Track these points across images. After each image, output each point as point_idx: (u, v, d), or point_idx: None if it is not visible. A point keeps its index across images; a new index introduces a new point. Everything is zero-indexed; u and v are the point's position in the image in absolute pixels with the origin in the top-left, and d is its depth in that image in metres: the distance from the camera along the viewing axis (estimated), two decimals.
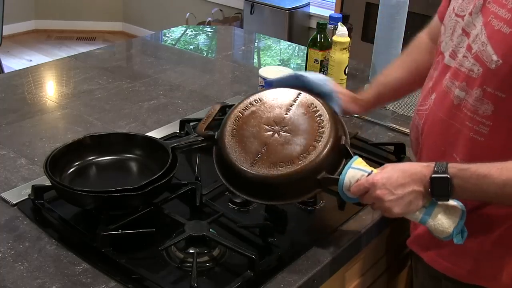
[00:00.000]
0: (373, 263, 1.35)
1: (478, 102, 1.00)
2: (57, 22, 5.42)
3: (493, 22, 0.97)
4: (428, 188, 0.96)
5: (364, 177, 1.00)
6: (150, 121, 1.59)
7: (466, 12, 1.05)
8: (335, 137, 1.08)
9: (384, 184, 0.97)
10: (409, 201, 0.97)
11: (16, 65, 4.23)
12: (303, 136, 1.09)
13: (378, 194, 0.97)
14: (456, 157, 1.05)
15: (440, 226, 0.98)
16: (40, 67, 1.99)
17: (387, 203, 0.97)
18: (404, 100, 1.78)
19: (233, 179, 1.11)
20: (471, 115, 1.02)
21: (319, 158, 1.05)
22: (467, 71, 1.02)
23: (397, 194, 0.97)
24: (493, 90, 0.98)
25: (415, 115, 1.17)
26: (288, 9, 4.01)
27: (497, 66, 0.96)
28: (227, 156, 1.10)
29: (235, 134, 1.12)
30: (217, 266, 1.05)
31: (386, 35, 1.80)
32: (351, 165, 1.03)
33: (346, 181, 1.02)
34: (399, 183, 0.97)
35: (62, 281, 1.00)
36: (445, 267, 1.12)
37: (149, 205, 1.14)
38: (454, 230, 0.98)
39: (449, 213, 0.98)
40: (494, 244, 1.06)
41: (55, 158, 1.17)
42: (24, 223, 1.14)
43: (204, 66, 2.08)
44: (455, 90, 1.04)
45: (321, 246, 1.12)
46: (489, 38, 0.98)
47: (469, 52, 1.02)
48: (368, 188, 0.99)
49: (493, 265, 1.08)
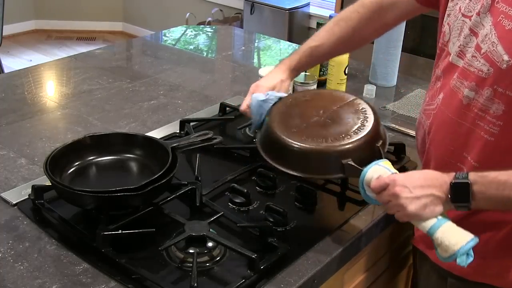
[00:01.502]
0: (373, 263, 1.35)
1: (488, 102, 1.00)
2: (57, 22, 5.43)
3: (504, 22, 0.97)
4: (448, 194, 0.96)
5: (387, 174, 1.02)
6: (150, 121, 1.59)
7: (474, 12, 1.04)
8: (373, 137, 1.12)
9: (404, 182, 0.98)
10: (425, 203, 0.96)
11: (16, 65, 4.23)
12: (344, 127, 1.14)
13: (396, 190, 0.98)
14: (467, 156, 1.05)
15: (447, 241, 0.95)
16: (40, 67, 1.99)
17: (403, 200, 0.97)
18: (404, 100, 1.78)
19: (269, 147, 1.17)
20: (482, 114, 1.01)
21: (350, 145, 1.09)
22: (476, 71, 1.02)
23: (415, 193, 0.97)
24: (504, 90, 0.98)
25: (422, 115, 1.18)
26: (288, 9, 4.01)
27: (508, 66, 0.96)
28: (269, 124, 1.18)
29: (283, 111, 1.20)
30: (217, 266, 1.05)
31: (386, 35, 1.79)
32: (378, 163, 1.05)
33: (369, 175, 1.03)
34: (419, 184, 0.97)
35: (62, 281, 1.00)
36: (451, 265, 1.12)
37: (149, 205, 1.14)
38: (461, 249, 0.94)
39: (459, 232, 0.96)
40: (500, 243, 1.07)
41: (55, 158, 1.17)
42: (24, 223, 1.14)
43: (204, 66, 2.08)
44: (464, 90, 1.04)
45: (321, 246, 1.12)
46: (500, 38, 0.97)
47: (479, 52, 1.02)
48: (388, 184, 0.99)
49: (499, 263, 1.08)
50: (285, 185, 1.29)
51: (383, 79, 1.88)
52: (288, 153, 1.12)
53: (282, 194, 1.27)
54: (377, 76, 1.87)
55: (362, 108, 1.19)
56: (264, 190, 1.28)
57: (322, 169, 1.12)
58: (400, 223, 1.25)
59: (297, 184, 1.26)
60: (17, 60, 4.69)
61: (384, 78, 1.87)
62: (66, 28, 5.42)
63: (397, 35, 1.80)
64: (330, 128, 1.14)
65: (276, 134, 1.14)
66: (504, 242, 1.06)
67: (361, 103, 1.21)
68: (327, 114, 1.18)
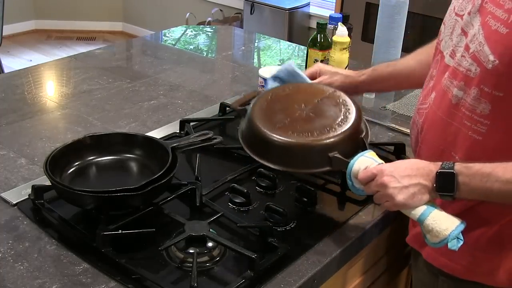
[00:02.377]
0: (373, 263, 1.35)
1: (475, 101, 1.01)
2: (57, 22, 5.43)
3: (490, 22, 0.98)
4: (434, 183, 0.98)
5: (374, 165, 1.03)
6: (150, 121, 1.59)
7: (465, 12, 1.05)
8: (356, 128, 1.14)
9: (391, 172, 1.00)
10: (413, 192, 0.99)
11: (16, 65, 4.23)
12: (327, 120, 1.15)
13: (384, 180, 0.99)
14: (455, 155, 1.06)
15: (437, 227, 0.98)
16: (40, 67, 1.99)
17: (391, 190, 0.99)
18: (404, 100, 1.78)
19: (255, 144, 1.17)
20: (469, 114, 1.02)
21: (335, 137, 1.11)
22: (465, 70, 1.03)
23: (402, 183, 0.99)
24: (490, 90, 0.99)
25: (416, 114, 1.18)
26: (288, 9, 4.01)
27: (493, 66, 0.97)
28: (252, 121, 1.18)
29: (264, 107, 1.20)
30: (217, 266, 1.05)
31: (386, 35, 1.80)
32: (364, 154, 1.06)
33: (356, 167, 1.05)
34: (406, 174, 0.99)
35: (62, 281, 1.00)
36: (442, 263, 1.13)
37: (149, 205, 1.14)
38: (451, 234, 0.97)
39: (448, 218, 0.99)
40: (490, 241, 1.07)
41: (55, 158, 1.17)
42: (24, 223, 1.14)
43: (204, 66, 2.08)
44: (454, 89, 1.05)
45: (321, 246, 1.12)
46: (486, 38, 0.98)
47: (467, 52, 1.03)
48: (376, 174, 1.01)
49: (489, 261, 1.08)
50: (285, 185, 1.29)
51: None
52: (275, 149, 1.13)
53: (282, 194, 1.27)
54: None
55: (343, 100, 1.20)
56: (264, 190, 1.28)
57: (310, 164, 1.13)
58: (400, 223, 1.26)
59: (297, 184, 1.27)
60: (17, 60, 4.69)
61: None
62: (66, 28, 5.42)
63: (397, 35, 1.80)
64: (314, 122, 1.15)
65: (261, 130, 1.14)
66: (494, 240, 1.07)
67: (341, 95, 1.22)
68: (309, 107, 1.19)
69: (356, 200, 1.26)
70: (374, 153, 1.08)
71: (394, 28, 1.79)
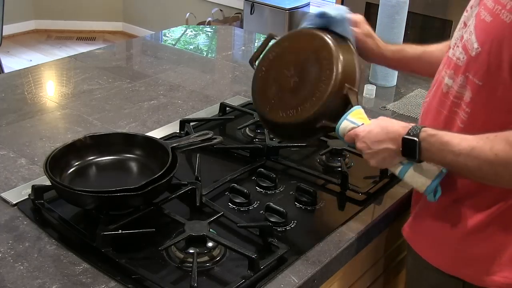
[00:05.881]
0: (373, 263, 1.35)
1: (462, 88, 1.03)
2: (57, 22, 5.43)
3: (482, 12, 1.01)
4: (400, 147, 1.01)
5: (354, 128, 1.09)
6: (150, 121, 1.59)
7: (469, 6, 1.09)
8: (336, 86, 1.12)
9: (363, 137, 1.06)
10: (383, 157, 1.05)
11: (16, 65, 4.23)
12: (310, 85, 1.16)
13: (358, 146, 1.08)
14: None
15: (414, 184, 1.05)
16: (40, 67, 1.99)
17: (365, 155, 1.07)
18: (404, 100, 1.78)
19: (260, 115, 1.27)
20: (458, 101, 1.04)
21: (319, 107, 1.12)
22: (455, 59, 1.06)
23: (373, 149, 1.05)
24: (472, 77, 1.01)
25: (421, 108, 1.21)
26: (288, 9, 4.01)
27: (476, 53, 0.99)
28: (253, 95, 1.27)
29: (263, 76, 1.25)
30: (217, 266, 1.05)
31: (386, 35, 1.79)
32: (347, 117, 1.10)
33: (341, 131, 1.11)
34: (377, 139, 1.05)
35: (62, 281, 1.00)
36: (428, 255, 1.14)
37: (149, 205, 1.14)
38: (427, 189, 1.03)
39: (424, 173, 1.03)
40: (472, 235, 1.07)
41: (55, 158, 1.17)
42: (24, 223, 1.14)
43: (204, 66, 2.08)
44: (445, 78, 1.08)
45: (321, 246, 1.12)
46: (475, 27, 1.01)
47: (461, 42, 1.06)
48: (354, 138, 1.08)
49: (471, 256, 1.08)
50: (285, 185, 1.29)
51: (383, 79, 1.88)
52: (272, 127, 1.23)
53: (282, 194, 1.27)
54: (377, 76, 1.88)
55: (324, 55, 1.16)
56: (264, 190, 1.28)
57: (305, 136, 1.22)
58: (400, 223, 1.26)
59: (297, 184, 1.27)
60: (17, 60, 4.69)
61: (384, 78, 1.88)
62: (66, 28, 5.42)
63: (397, 35, 1.80)
64: (298, 91, 1.17)
65: (258, 112, 1.25)
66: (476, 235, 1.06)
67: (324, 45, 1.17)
68: (296, 71, 1.19)
69: (356, 200, 1.26)
70: (358, 110, 1.11)
71: (394, 28, 1.79)
